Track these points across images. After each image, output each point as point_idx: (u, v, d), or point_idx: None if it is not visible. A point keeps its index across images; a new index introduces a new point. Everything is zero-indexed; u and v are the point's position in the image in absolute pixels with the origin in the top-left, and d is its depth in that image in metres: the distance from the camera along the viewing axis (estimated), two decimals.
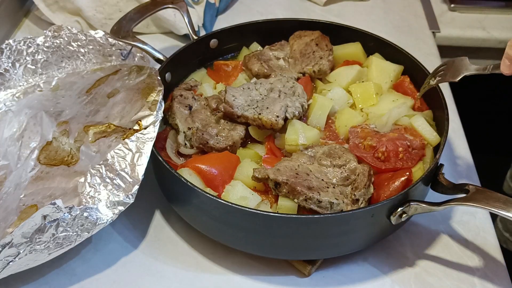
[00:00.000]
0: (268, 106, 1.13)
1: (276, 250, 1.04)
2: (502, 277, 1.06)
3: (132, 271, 1.07)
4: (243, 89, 1.19)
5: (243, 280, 1.06)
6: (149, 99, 1.08)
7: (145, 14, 1.35)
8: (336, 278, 1.06)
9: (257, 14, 1.75)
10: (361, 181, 1.03)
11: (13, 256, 0.93)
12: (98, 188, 1.00)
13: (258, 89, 1.19)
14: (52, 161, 1.12)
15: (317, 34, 1.34)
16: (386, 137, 1.11)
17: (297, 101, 1.16)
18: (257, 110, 1.13)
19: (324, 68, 1.28)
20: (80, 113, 1.17)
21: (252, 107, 1.14)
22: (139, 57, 1.41)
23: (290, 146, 1.12)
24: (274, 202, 1.05)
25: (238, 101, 1.15)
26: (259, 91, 1.19)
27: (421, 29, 1.71)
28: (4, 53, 1.37)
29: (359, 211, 0.97)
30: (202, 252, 1.10)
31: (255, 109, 1.13)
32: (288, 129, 1.13)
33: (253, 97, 1.17)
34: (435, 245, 1.11)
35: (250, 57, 1.30)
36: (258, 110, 1.13)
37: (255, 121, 1.13)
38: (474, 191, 0.98)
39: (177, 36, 1.65)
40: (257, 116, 1.12)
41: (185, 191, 1.02)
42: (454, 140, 1.33)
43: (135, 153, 1.02)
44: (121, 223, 1.14)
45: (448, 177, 1.06)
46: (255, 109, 1.14)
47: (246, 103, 1.15)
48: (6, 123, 1.25)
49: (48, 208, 0.91)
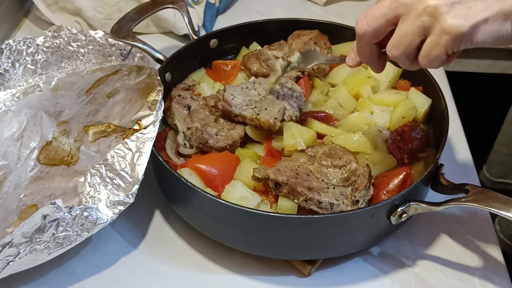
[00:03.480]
0: (267, 107, 1.14)
1: (276, 250, 1.04)
2: (502, 277, 1.06)
3: (132, 271, 1.07)
4: (241, 89, 1.19)
5: (243, 280, 1.06)
6: (149, 99, 1.08)
7: (145, 14, 1.35)
8: (336, 278, 1.06)
9: (257, 14, 1.75)
10: (362, 182, 1.03)
11: (13, 256, 0.93)
12: (98, 187, 1.00)
13: (256, 89, 1.19)
14: (52, 161, 1.12)
15: (315, 33, 1.34)
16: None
17: (295, 104, 1.16)
18: (255, 110, 1.13)
19: (323, 66, 1.28)
20: (80, 113, 1.17)
21: (251, 107, 1.14)
22: (139, 57, 1.41)
23: (289, 152, 1.12)
24: (274, 202, 1.05)
25: (237, 100, 1.15)
26: (258, 91, 1.19)
27: None
28: (4, 53, 1.37)
29: (359, 211, 0.97)
30: (202, 252, 1.10)
31: (254, 109, 1.13)
32: (285, 134, 1.13)
33: (251, 97, 1.17)
34: (435, 245, 1.11)
35: (249, 57, 1.30)
36: (256, 110, 1.13)
37: (253, 121, 1.13)
38: (474, 191, 0.98)
39: (177, 36, 1.65)
40: (255, 116, 1.12)
41: (185, 191, 1.02)
42: (454, 140, 1.33)
43: (135, 153, 1.02)
44: (121, 223, 1.14)
45: (448, 177, 1.06)
46: (254, 109, 1.14)
47: (244, 103, 1.15)
48: (6, 123, 1.25)
49: (48, 208, 0.91)
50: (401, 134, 1.15)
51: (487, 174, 2.18)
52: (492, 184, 2.17)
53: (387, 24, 0.87)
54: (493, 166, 2.15)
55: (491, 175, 2.16)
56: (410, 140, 1.14)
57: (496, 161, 2.12)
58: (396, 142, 1.14)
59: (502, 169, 2.11)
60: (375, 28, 0.88)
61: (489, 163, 2.18)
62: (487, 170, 2.19)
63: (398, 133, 1.15)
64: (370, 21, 0.88)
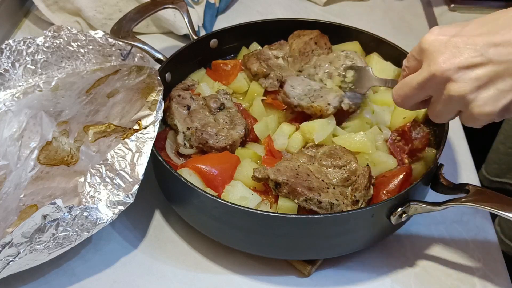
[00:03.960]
0: (323, 95, 1.16)
1: (276, 250, 1.04)
2: (502, 277, 1.06)
3: (132, 271, 1.07)
4: (302, 79, 1.22)
5: (243, 280, 1.06)
6: (149, 99, 1.08)
7: (145, 14, 1.35)
8: (336, 278, 1.06)
9: (257, 14, 1.75)
10: (361, 182, 1.02)
11: (13, 256, 0.93)
12: (98, 187, 1.00)
13: (318, 73, 1.22)
14: (52, 161, 1.12)
15: (316, 33, 1.34)
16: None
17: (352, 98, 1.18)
18: (311, 99, 1.16)
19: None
20: (80, 113, 1.17)
21: (308, 96, 1.17)
22: (139, 57, 1.41)
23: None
24: (274, 202, 1.05)
25: (296, 91, 1.18)
26: (319, 75, 1.22)
27: (421, 29, 1.71)
28: (4, 53, 1.37)
29: (359, 211, 0.97)
30: (202, 252, 1.10)
31: (310, 98, 1.17)
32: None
33: (312, 86, 1.20)
34: (435, 245, 1.11)
35: (249, 57, 1.30)
36: (312, 99, 1.16)
37: (309, 110, 1.16)
38: (474, 191, 0.98)
39: (177, 36, 1.65)
40: (310, 104, 1.15)
41: (185, 191, 1.02)
42: (454, 140, 1.33)
43: (135, 153, 1.02)
44: (121, 223, 1.14)
45: (448, 177, 1.06)
46: (310, 98, 1.17)
47: (303, 93, 1.18)
48: (6, 123, 1.25)
49: (48, 207, 0.91)
50: (402, 134, 1.15)
51: (485, 173, 2.18)
52: (489, 183, 2.16)
53: (419, 102, 0.93)
54: (491, 165, 2.14)
55: (489, 174, 2.15)
56: (410, 140, 1.14)
57: (494, 160, 2.11)
58: (397, 142, 1.14)
59: (499, 168, 2.10)
60: (410, 104, 0.94)
61: (487, 162, 2.17)
62: (485, 169, 2.19)
63: (399, 133, 1.15)
64: (403, 100, 0.93)
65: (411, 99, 0.92)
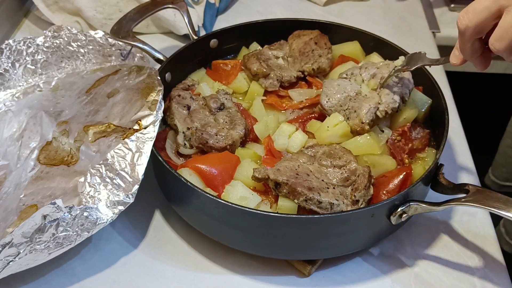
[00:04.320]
0: (356, 109, 1.13)
1: (276, 250, 1.04)
2: (502, 277, 1.06)
3: (132, 271, 1.07)
4: (338, 84, 1.20)
5: (243, 280, 1.06)
6: (149, 99, 1.08)
7: (145, 14, 1.35)
8: (336, 278, 1.06)
9: (257, 14, 1.75)
10: (361, 182, 1.02)
11: (13, 256, 0.93)
12: (98, 187, 1.00)
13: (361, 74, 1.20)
14: (52, 161, 1.12)
15: (316, 33, 1.34)
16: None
17: (398, 91, 1.15)
18: (346, 113, 1.15)
19: (324, 66, 1.29)
20: (80, 113, 1.17)
21: (344, 107, 1.16)
22: (139, 57, 1.41)
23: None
24: (274, 202, 1.05)
25: (332, 102, 1.17)
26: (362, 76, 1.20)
27: (421, 29, 1.71)
28: (4, 53, 1.37)
29: (359, 211, 0.97)
30: (202, 252, 1.10)
31: (345, 111, 1.15)
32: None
33: (348, 92, 1.18)
34: (435, 245, 1.11)
35: (249, 57, 1.30)
36: (347, 113, 1.14)
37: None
38: (474, 191, 0.98)
39: (177, 36, 1.65)
40: (345, 121, 1.14)
41: (185, 191, 1.02)
42: (454, 140, 1.33)
43: (135, 153, 1.02)
44: (121, 223, 1.14)
45: (448, 177, 1.06)
46: (345, 111, 1.15)
47: (338, 103, 1.17)
48: (6, 123, 1.25)
49: (48, 208, 0.91)
50: (402, 134, 1.15)
51: (493, 177, 2.15)
52: (498, 187, 2.14)
53: (490, 17, 0.83)
54: (498, 169, 2.12)
55: (497, 178, 2.13)
56: (411, 140, 1.14)
57: (502, 163, 2.09)
58: (397, 142, 1.14)
59: (508, 172, 2.08)
60: (477, 23, 0.84)
61: (494, 166, 2.15)
62: (492, 173, 2.16)
63: (399, 133, 1.15)
64: (471, 15, 0.84)
65: (479, 15, 0.83)
